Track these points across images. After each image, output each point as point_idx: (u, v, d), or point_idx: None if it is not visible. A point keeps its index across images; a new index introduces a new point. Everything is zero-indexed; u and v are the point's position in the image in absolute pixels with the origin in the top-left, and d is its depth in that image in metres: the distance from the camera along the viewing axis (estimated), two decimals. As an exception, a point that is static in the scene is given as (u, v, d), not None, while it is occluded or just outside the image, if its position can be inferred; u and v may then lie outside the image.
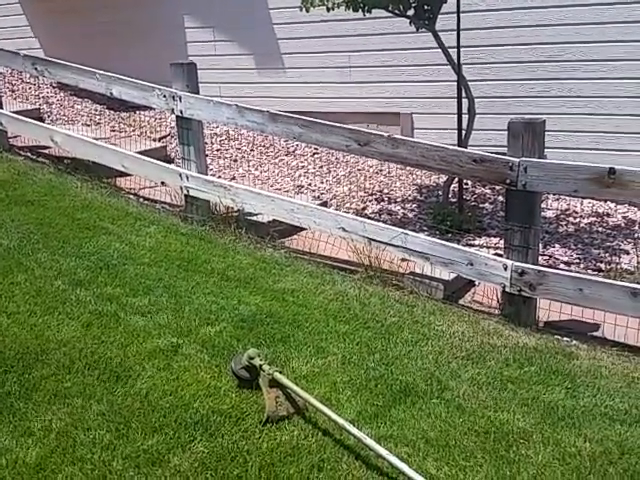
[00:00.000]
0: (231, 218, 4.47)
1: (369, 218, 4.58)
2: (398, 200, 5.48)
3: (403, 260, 4.00)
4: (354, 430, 2.18)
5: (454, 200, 5.16)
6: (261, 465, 2.16)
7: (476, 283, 3.92)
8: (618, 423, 2.52)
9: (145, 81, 4.75)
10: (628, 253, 4.53)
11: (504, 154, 3.46)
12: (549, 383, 2.80)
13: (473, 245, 4.64)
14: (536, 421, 2.50)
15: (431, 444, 2.30)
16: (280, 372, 2.47)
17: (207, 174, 4.81)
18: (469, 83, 4.95)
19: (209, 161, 6.10)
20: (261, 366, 2.48)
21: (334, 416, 2.24)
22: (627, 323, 3.32)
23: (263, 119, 4.19)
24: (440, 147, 3.64)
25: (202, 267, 3.74)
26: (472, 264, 3.58)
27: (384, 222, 4.69)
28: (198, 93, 4.57)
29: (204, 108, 4.46)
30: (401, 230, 3.87)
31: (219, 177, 5.64)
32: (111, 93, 4.93)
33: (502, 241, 3.72)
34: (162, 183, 4.81)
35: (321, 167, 6.13)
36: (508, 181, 3.40)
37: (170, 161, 5.80)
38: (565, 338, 3.37)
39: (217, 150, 6.51)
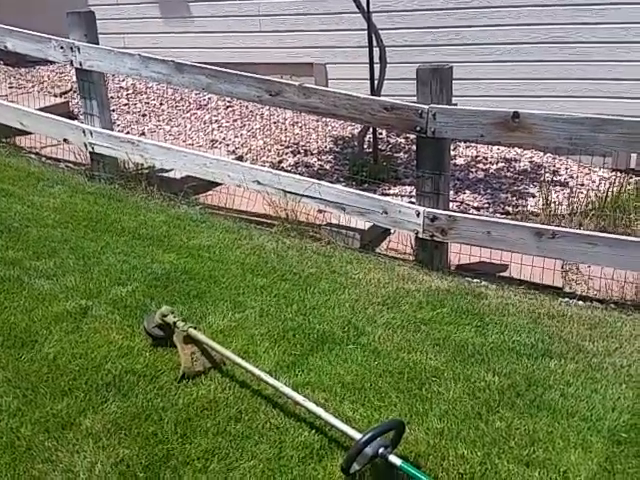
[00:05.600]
0: (141, 175, 4.31)
1: (286, 171, 4.54)
2: (314, 152, 5.45)
3: (320, 211, 4.01)
4: (271, 380, 2.18)
5: (369, 150, 5.18)
6: (177, 421, 2.13)
7: (391, 231, 3.99)
8: (525, 357, 2.64)
9: (46, 34, 4.45)
10: (534, 196, 4.71)
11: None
12: (460, 323, 2.89)
13: (388, 194, 4.70)
14: (447, 359, 2.59)
15: (347, 388, 2.34)
16: (195, 328, 2.43)
17: (113, 129, 4.60)
18: (380, 31, 4.93)
19: (116, 116, 5.86)
20: (175, 323, 2.43)
21: (250, 367, 2.23)
22: (532, 262, 3.46)
23: (169, 70, 4.01)
24: (352, 95, 3.62)
25: (112, 227, 3.60)
26: (387, 212, 3.63)
27: (301, 174, 4.66)
28: (98, 43, 4.33)
29: (104, 59, 4.22)
30: (316, 181, 3.86)
31: (127, 133, 5.41)
32: (5, 47, 4.62)
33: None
34: (65, 140, 4.56)
35: (235, 121, 5.99)
36: (418, 128, 3.43)
37: (74, 117, 5.50)
38: (475, 279, 3.49)
39: (124, 105, 6.22)
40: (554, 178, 5.00)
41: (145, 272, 3.09)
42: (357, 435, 1.92)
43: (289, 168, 5.09)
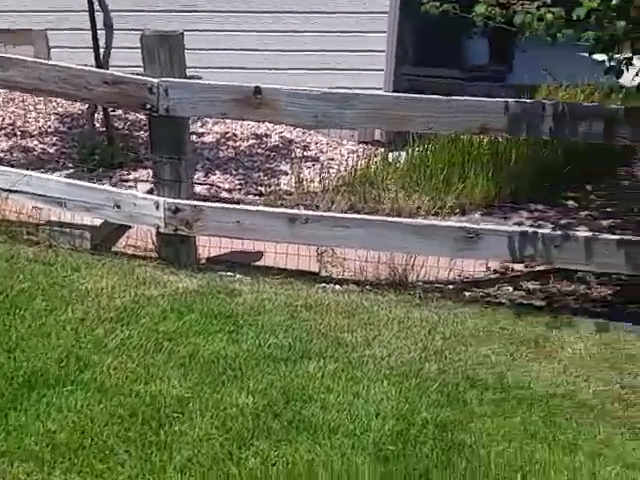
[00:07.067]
0: None
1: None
2: (35, 134, 4.64)
3: (35, 208, 3.30)
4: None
5: (103, 130, 4.52)
6: None
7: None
8: (282, 363, 2.37)
9: None
10: (287, 174, 4.50)
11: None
12: (210, 331, 2.52)
13: (128, 180, 4.14)
14: (194, 383, 2.19)
15: (60, 451, 1.81)
16: None
17: None
18: (103, -8, 4.25)
19: None
20: None
21: None
22: (287, 249, 3.24)
23: None
24: (62, 67, 3.04)
25: None
26: (119, 206, 3.11)
27: (17, 161, 3.88)
28: None
29: None
30: (25, 172, 3.17)
31: None
32: None
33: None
34: None
35: None
36: (149, 106, 2.97)
37: None
38: (229, 273, 3.15)
39: None
40: (305, 154, 4.85)
41: None
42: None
43: (2, 154, 4.23)
